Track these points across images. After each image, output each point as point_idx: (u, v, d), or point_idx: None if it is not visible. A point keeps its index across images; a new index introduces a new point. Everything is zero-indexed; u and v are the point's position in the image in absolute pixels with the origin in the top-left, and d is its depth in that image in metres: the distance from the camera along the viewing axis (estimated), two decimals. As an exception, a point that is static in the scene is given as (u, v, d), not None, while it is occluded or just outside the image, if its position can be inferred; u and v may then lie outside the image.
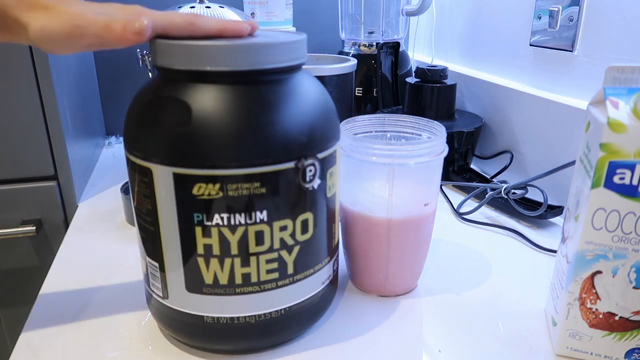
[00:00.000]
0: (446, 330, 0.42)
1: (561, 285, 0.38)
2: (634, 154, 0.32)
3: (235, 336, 0.37)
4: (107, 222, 0.60)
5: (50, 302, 0.45)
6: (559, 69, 0.64)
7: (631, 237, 0.34)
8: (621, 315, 0.36)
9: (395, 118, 0.47)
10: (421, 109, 0.75)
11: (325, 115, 0.36)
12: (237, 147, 0.32)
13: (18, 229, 0.61)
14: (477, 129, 0.71)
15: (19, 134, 0.60)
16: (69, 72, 0.68)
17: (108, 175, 0.75)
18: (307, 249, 0.36)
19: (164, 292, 0.37)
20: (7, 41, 0.34)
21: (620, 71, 0.35)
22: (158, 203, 0.34)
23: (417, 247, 0.44)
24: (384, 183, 0.41)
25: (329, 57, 0.75)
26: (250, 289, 0.35)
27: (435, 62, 0.96)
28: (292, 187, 0.34)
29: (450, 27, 0.91)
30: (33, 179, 0.63)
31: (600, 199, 0.34)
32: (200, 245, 0.34)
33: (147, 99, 0.34)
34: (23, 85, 0.58)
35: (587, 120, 0.36)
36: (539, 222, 0.60)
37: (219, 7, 0.64)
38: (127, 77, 0.91)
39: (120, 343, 0.40)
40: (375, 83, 0.86)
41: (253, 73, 0.33)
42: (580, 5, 0.59)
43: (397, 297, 0.46)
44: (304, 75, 0.37)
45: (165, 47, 0.33)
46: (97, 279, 0.48)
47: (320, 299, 0.39)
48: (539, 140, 0.65)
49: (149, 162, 0.33)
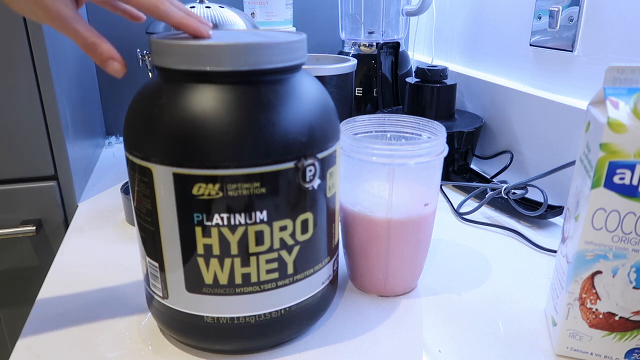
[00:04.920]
0: (446, 330, 0.42)
1: (561, 285, 0.38)
2: (634, 154, 0.32)
3: (235, 336, 0.37)
4: (107, 222, 0.60)
5: (50, 302, 0.45)
6: (559, 69, 0.64)
7: (631, 237, 0.34)
8: (621, 315, 0.36)
9: (395, 118, 0.47)
10: (421, 109, 0.75)
11: (325, 115, 0.36)
12: (237, 147, 0.32)
13: (18, 229, 0.61)
14: (477, 129, 0.71)
15: (19, 134, 0.60)
16: (69, 72, 0.68)
17: (108, 175, 0.75)
18: (307, 249, 0.36)
19: (164, 292, 0.37)
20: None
21: (620, 71, 0.35)
22: (158, 203, 0.34)
23: (417, 247, 0.44)
24: (384, 183, 0.41)
25: (329, 57, 0.75)
26: (250, 289, 0.35)
27: (435, 62, 0.96)
28: (292, 187, 0.34)
29: (450, 27, 0.91)
30: (33, 179, 0.63)
31: (600, 199, 0.34)
32: (200, 245, 0.34)
33: (147, 99, 0.34)
34: (23, 85, 0.58)
35: (587, 120, 0.36)
36: (539, 222, 0.60)
37: (219, 7, 0.64)
38: (127, 77, 0.91)
39: (120, 343, 0.40)
40: (375, 83, 0.86)
41: (253, 73, 0.33)
42: (580, 5, 0.59)
43: (397, 297, 0.46)
44: (304, 75, 0.37)
45: (165, 47, 0.33)
46: (97, 279, 0.48)
47: (320, 299, 0.39)
48: (539, 140, 0.65)
49: (149, 162, 0.33)
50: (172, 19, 0.35)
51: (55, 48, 0.61)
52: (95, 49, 0.35)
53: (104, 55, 0.35)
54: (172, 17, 0.35)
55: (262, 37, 0.34)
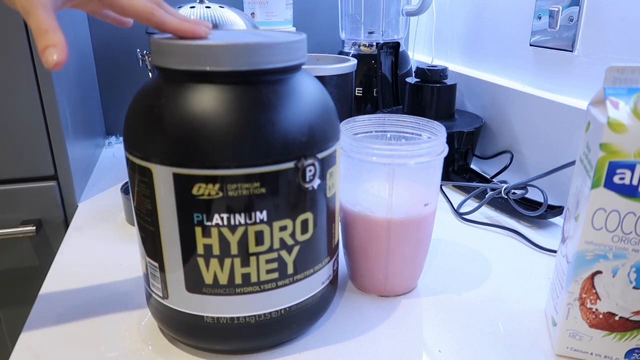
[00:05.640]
0: (446, 330, 0.42)
1: (561, 285, 0.38)
2: (634, 154, 0.32)
3: (235, 336, 0.37)
4: (107, 222, 0.60)
5: (50, 302, 0.45)
6: (559, 69, 0.64)
7: (631, 237, 0.34)
8: (621, 315, 0.36)
9: (395, 118, 0.47)
10: (421, 109, 0.75)
11: (325, 115, 0.36)
12: (237, 147, 0.32)
13: (18, 229, 0.61)
14: (477, 129, 0.71)
15: (19, 134, 0.60)
16: (69, 72, 0.68)
17: (108, 175, 0.75)
18: (307, 249, 0.36)
19: (164, 292, 0.37)
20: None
21: (620, 71, 0.35)
22: (158, 203, 0.34)
23: (417, 247, 0.44)
24: (384, 183, 0.41)
25: (329, 57, 0.75)
26: (250, 289, 0.35)
27: (435, 62, 0.96)
28: (292, 187, 0.34)
29: (450, 27, 0.91)
30: (33, 179, 0.63)
31: (600, 199, 0.34)
32: (200, 245, 0.34)
33: (147, 99, 0.34)
34: (23, 86, 0.58)
35: (587, 120, 0.36)
36: (539, 222, 0.60)
37: (219, 7, 0.64)
38: (127, 77, 0.91)
39: (120, 343, 0.40)
40: (375, 83, 0.86)
41: (253, 73, 0.33)
42: (580, 5, 0.59)
43: (397, 297, 0.46)
44: (304, 75, 0.37)
45: (165, 47, 0.33)
46: (97, 279, 0.48)
47: (320, 299, 0.39)
48: (539, 140, 0.65)
49: (149, 162, 0.33)
50: (168, 26, 0.35)
51: (55, 48, 0.61)
52: (43, 36, 0.32)
53: (49, 42, 0.32)
54: (168, 25, 0.35)
55: (262, 37, 0.34)
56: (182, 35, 0.34)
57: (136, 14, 0.35)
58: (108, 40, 0.88)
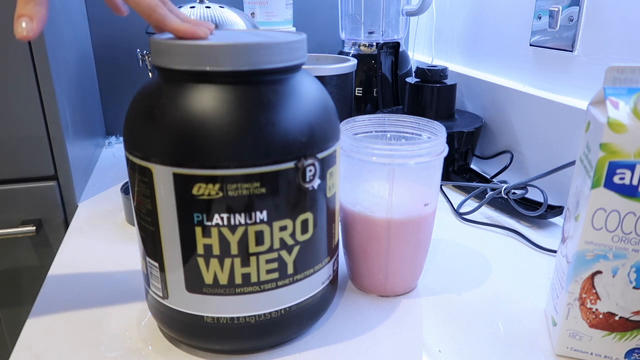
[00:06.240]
0: (446, 330, 0.42)
1: (561, 285, 0.38)
2: (634, 154, 0.32)
3: (235, 336, 0.37)
4: (107, 222, 0.60)
5: (50, 302, 0.45)
6: (559, 69, 0.64)
7: (631, 237, 0.34)
8: (621, 315, 0.36)
9: (395, 118, 0.47)
10: (421, 109, 0.75)
11: (325, 115, 0.36)
12: (237, 147, 0.32)
13: (18, 229, 0.61)
14: (477, 129, 0.71)
15: (19, 134, 0.60)
16: (69, 72, 0.68)
17: (108, 175, 0.75)
18: (307, 249, 0.36)
19: (164, 292, 0.37)
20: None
21: (620, 71, 0.35)
22: (158, 203, 0.34)
23: (417, 247, 0.44)
24: (384, 183, 0.41)
25: (329, 57, 0.75)
26: (250, 289, 0.35)
27: (435, 62, 0.96)
28: (292, 187, 0.34)
29: (450, 27, 0.91)
30: (33, 179, 0.63)
31: (600, 199, 0.34)
32: (200, 245, 0.34)
33: (147, 99, 0.34)
34: (23, 86, 0.58)
35: (587, 120, 0.36)
36: (539, 222, 0.60)
37: (219, 7, 0.64)
38: (127, 77, 0.91)
39: (120, 343, 0.40)
40: (375, 83, 0.86)
41: (253, 73, 0.33)
42: (580, 5, 0.59)
43: (397, 297, 0.46)
44: (304, 75, 0.37)
45: (165, 47, 0.33)
46: (97, 279, 0.48)
47: (320, 299, 0.39)
48: (539, 140, 0.65)
49: (149, 162, 0.33)
50: (168, 25, 0.34)
51: (55, 48, 0.61)
52: (24, 4, 0.32)
53: (26, 12, 0.31)
54: (168, 23, 0.34)
55: (262, 37, 0.34)
56: (182, 36, 0.34)
57: (139, 5, 0.34)
58: (108, 40, 0.88)
